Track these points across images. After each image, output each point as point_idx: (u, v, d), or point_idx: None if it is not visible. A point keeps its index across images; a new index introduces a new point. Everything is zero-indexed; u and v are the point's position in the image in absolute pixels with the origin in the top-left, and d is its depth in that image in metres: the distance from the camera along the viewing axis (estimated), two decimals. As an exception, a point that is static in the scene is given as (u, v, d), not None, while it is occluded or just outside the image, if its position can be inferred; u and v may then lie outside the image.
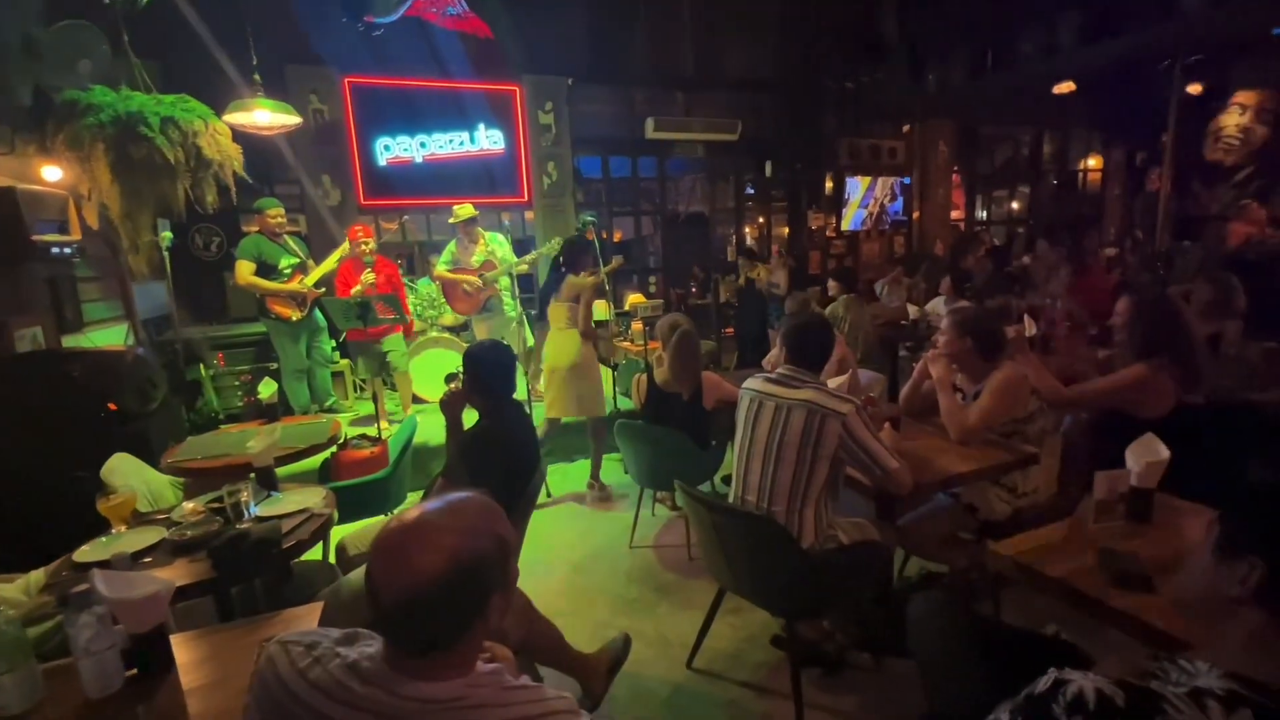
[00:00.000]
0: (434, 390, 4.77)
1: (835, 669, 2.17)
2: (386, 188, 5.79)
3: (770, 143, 7.48)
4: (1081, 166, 9.57)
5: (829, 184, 7.83)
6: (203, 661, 1.32)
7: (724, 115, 6.98)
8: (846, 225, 8.00)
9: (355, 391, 5.12)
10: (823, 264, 7.97)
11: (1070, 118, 8.81)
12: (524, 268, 4.76)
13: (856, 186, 7.91)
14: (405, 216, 5.63)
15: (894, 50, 7.09)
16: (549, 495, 3.75)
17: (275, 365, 4.54)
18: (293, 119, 3.89)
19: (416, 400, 4.74)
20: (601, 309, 5.61)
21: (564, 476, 4.11)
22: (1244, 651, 0.76)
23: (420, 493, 3.20)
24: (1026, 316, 3.27)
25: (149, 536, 1.84)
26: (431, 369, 4.77)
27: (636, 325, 5.51)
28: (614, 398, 4.61)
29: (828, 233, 7.99)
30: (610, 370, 4.92)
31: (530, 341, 4.91)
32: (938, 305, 4.67)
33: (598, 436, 3.76)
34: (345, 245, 4.35)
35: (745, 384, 2.13)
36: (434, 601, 0.78)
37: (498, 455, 2.05)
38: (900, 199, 8.22)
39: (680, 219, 8.07)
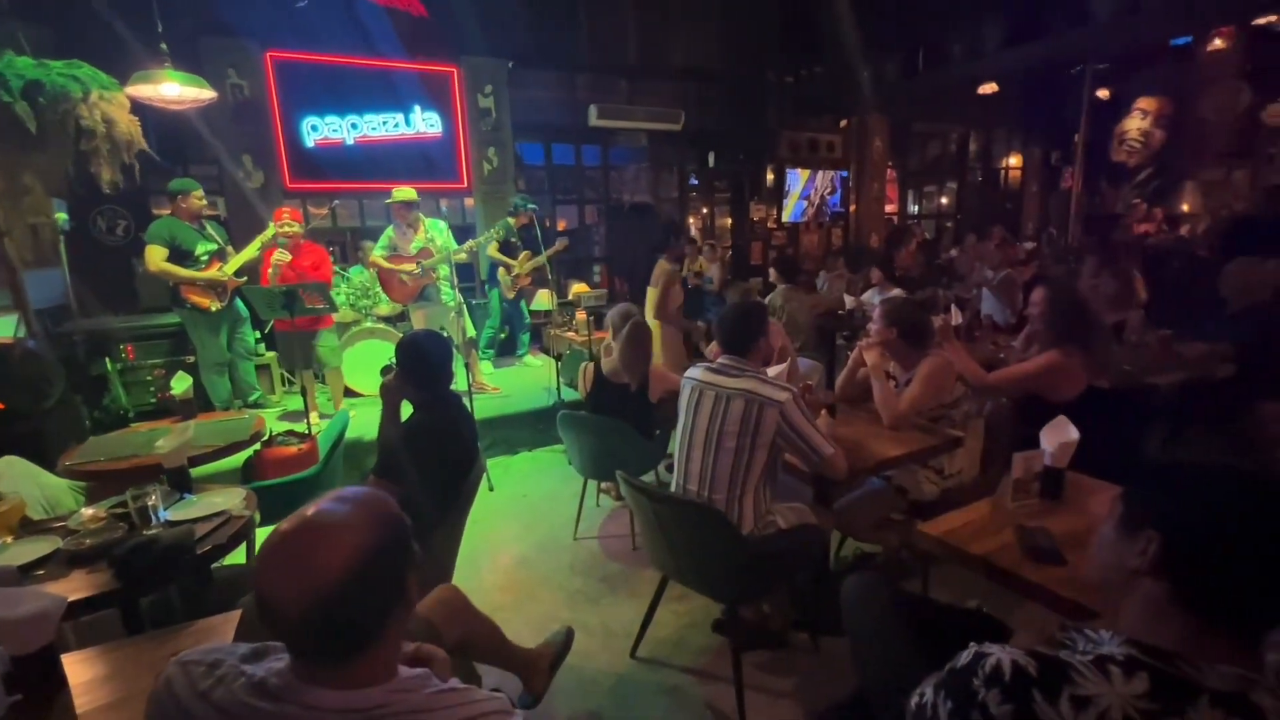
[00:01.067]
0: (368, 383, 4.59)
1: (775, 650, 2.22)
2: (315, 170, 5.49)
3: (713, 133, 7.53)
4: (1003, 164, 10.12)
5: (770, 176, 7.97)
6: (103, 680, 1.22)
7: (668, 105, 6.97)
8: (787, 217, 8.18)
9: (283, 385, 4.86)
10: (764, 255, 8.12)
11: (994, 117, 9.30)
12: (463, 256, 4.62)
13: (796, 179, 8.08)
14: (336, 202, 5.36)
15: (832, 46, 7.26)
16: (490, 488, 3.67)
17: (192, 358, 4.25)
18: (206, 93, 3.62)
19: (350, 394, 4.54)
20: (544, 298, 5.53)
21: (506, 470, 4.04)
22: (1143, 619, 0.81)
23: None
24: (953, 306, 3.43)
25: (41, 547, 1.68)
26: (366, 361, 4.58)
27: (580, 315, 5.45)
28: (558, 388, 4.56)
29: (769, 224, 8.14)
30: (554, 360, 4.86)
31: (470, 331, 4.78)
32: (871, 295, 4.84)
33: None
34: (270, 230, 4.10)
35: (687, 373, 2.13)
36: (347, 600, 0.74)
37: (435, 448, 1.98)
38: (839, 192, 8.47)
39: (625, 209, 8.04)
